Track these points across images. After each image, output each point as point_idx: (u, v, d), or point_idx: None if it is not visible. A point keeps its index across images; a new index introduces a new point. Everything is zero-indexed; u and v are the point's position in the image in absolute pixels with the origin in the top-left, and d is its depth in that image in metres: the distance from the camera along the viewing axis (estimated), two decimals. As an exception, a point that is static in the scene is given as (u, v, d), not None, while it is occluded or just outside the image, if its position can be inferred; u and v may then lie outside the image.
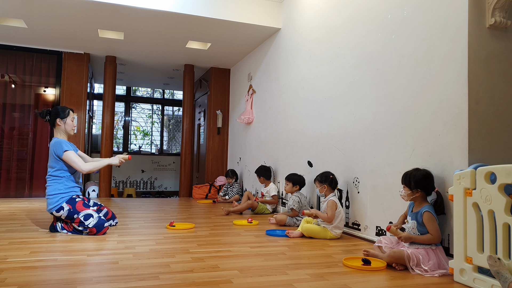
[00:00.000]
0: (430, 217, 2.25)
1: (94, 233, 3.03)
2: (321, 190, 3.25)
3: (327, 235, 3.10)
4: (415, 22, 2.69)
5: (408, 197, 2.38)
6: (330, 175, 3.26)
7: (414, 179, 2.33)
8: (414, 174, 2.36)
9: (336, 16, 3.66)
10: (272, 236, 3.17)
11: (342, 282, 1.97)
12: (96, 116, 8.82)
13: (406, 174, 2.40)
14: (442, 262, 2.20)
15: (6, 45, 5.80)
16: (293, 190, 3.84)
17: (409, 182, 2.35)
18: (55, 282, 1.86)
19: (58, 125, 3.25)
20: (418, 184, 2.33)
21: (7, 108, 5.93)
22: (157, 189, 9.31)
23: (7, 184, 5.86)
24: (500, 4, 2.31)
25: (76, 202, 3.11)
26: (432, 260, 2.19)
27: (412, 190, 2.34)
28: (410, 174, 2.38)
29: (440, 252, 2.24)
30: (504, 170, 1.79)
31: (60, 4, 4.34)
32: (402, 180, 2.41)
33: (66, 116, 3.26)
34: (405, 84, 2.75)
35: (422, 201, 2.36)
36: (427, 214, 2.26)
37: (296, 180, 3.87)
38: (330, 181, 3.24)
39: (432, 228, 2.24)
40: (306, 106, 4.14)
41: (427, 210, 2.27)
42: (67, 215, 3.05)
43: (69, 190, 3.14)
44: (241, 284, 1.89)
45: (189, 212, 4.65)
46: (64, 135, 3.29)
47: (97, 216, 3.08)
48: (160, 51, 6.03)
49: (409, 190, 2.35)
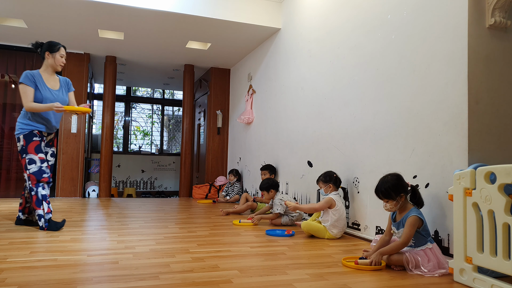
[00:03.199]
0: (412, 222, 2.18)
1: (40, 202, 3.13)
2: (326, 190, 3.22)
3: (325, 235, 3.10)
4: (415, 22, 2.69)
5: (395, 207, 2.30)
6: (334, 174, 3.25)
7: (392, 189, 2.27)
8: (388, 185, 2.28)
9: (336, 16, 3.66)
10: (272, 236, 3.17)
11: (342, 282, 1.97)
12: (96, 116, 8.82)
13: (380, 191, 2.32)
14: (441, 261, 2.18)
15: (6, 45, 5.80)
16: (270, 196, 3.89)
17: (389, 194, 2.28)
18: (55, 282, 1.86)
19: (46, 58, 3.30)
20: (397, 190, 2.27)
21: (7, 108, 5.93)
22: (157, 189, 9.32)
23: (7, 184, 5.86)
24: (500, 4, 2.31)
25: (31, 141, 3.16)
26: (432, 261, 2.16)
27: (396, 199, 2.28)
28: (386, 187, 2.29)
29: (437, 251, 2.21)
30: (504, 170, 1.79)
31: (60, 4, 4.34)
32: (380, 196, 2.33)
33: (56, 51, 3.28)
34: (405, 84, 2.75)
35: (406, 205, 2.31)
36: (413, 218, 2.19)
37: (269, 186, 3.89)
38: (335, 180, 3.23)
39: (407, 232, 2.17)
40: (306, 106, 4.14)
41: (414, 214, 2.21)
42: (20, 149, 3.16)
43: (31, 124, 3.19)
44: (241, 284, 1.89)
45: (189, 212, 4.65)
46: (50, 70, 3.31)
47: (40, 165, 3.15)
48: (160, 51, 6.04)
49: (393, 201, 2.28)
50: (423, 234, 2.23)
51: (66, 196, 5.98)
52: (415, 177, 2.61)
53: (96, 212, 4.48)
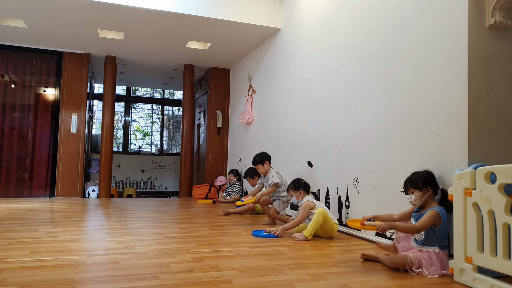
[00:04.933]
0: (431, 214, 2.18)
1: None
2: (298, 197, 3.31)
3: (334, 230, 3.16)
4: (415, 22, 2.69)
5: (420, 199, 2.27)
6: (302, 180, 3.37)
7: (421, 180, 2.27)
8: (418, 176, 2.30)
9: (336, 16, 3.66)
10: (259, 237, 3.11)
11: (342, 282, 1.97)
12: (96, 116, 8.82)
13: (410, 180, 2.32)
14: (445, 266, 2.15)
15: (6, 45, 5.80)
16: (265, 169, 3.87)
17: (417, 184, 2.27)
18: (55, 282, 1.86)
19: None
20: (427, 183, 2.26)
21: (7, 108, 5.93)
22: (157, 189, 9.31)
23: (7, 184, 5.86)
24: (500, 4, 2.31)
25: None
26: (435, 265, 2.14)
27: (423, 190, 2.26)
28: (415, 177, 2.31)
29: (444, 257, 2.18)
30: (504, 170, 1.79)
31: (60, 4, 4.34)
32: (407, 186, 2.32)
33: None
34: (405, 84, 2.75)
35: (431, 202, 2.28)
36: (431, 210, 2.20)
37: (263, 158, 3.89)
38: (304, 186, 3.34)
39: (424, 220, 2.17)
40: (306, 106, 4.14)
41: (435, 209, 2.20)
42: None
43: None
44: (241, 284, 1.89)
45: (189, 212, 4.65)
46: None
47: None
48: (160, 51, 6.03)
49: (420, 192, 2.26)
50: (437, 235, 2.19)
51: (66, 196, 5.98)
52: (415, 177, 2.61)
53: (96, 212, 4.48)
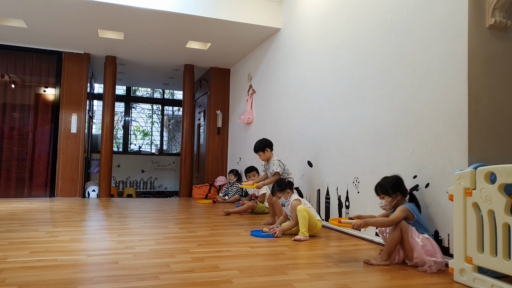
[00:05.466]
0: (401, 208, 2.29)
1: None
2: (286, 197, 3.31)
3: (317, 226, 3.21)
4: (415, 22, 2.69)
5: (390, 205, 2.40)
6: (285, 180, 3.37)
7: (390, 185, 2.38)
8: (387, 181, 2.41)
9: (336, 16, 3.66)
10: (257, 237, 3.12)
11: (342, 282, 1.97)
12: (96, 116, 8.82)
13: (379, 185, 2.43)
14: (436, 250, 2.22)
15: (6, 45, 5.80)
16: (267, 157, 3.87)
17: (386, 190, 2.38)
18: (55, 282, 1.86)
19: None
20: (396, 188, 2.38)
21: (7, 108, 5.93)
22: (157, 189, 9.31)
23: (7, 184, 5.86)
24: (500, 4, 2.31)
25: None
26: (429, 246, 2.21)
27: (392, 196, 2.37)
28: (384, 183, 2.41)
29: (433, 242, 2.25)
30: (504, 170, 1.79)
31: (60, 4, 4.34)
32: (377, 192, 2.44)
33: None
34: (405, 84, 2.75)
35: (402, 203, 2.37)
36: (401, 206, 2.31)
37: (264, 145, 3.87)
38: (289, 184, 3.34)
39: (395, 214, 2.28)
40: (306, 106, 4.14)
41: (405, 205, 2.32)
42: None
43: None
44: (241, 284, 1.89)
45: (189, 212, 4.65)
46: None
47: None
48: (160, 51, 6.03)
49: (389, 197, 2.38)
50: (417, 227, 2.28)
51: (66, 196, 5.98)
52: (415, 177, 2.61)
53: (96, 212, 4.48)
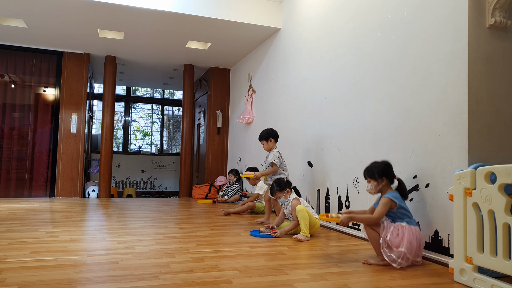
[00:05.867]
0: (385, 201, 2.33)
1: None
2: (286, 196, 3.31)
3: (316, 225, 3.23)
4: (415, 22, 2.69)
5: (375, 189, 2.44)
6: (283, 179, 3.38)
7: (377, 170, 2.43)
8: (375, 166, 2.46)
9: (336, 16, 3.66)
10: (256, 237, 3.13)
11: (342, 282, 1.97)
12: (96, 116, 8.82)
13: (367, 169, 2.49)
14: (413, 243, 2.24)
15: (6, 45, 5.80)
16: (269, 147, 3.84)
17: (373, 174, 2.44)
18: (55, 282, 1.86)
19: None
20: (382, 173, 2.43)
21: (7, 108, 5.93)
22: (157, 189, 9.31)
23: (7, 184, 5.86)
24: (500, 4, 2.31)
25: None
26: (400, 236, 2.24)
27: (378, 180, 2.43)
28: (372, 167, 2.47)
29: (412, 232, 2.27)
30: (504, 170, 1.79)
31: (60, 4, 4.34)
32: (365, 175, 2.50)
33: None
34: (405, 84, 2.75)
35: (387, 190, 2.43)
36: (384, 198, 2.35)
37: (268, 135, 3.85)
38: (288, 184, 3.35)
39: (378, 210, 2.33)
40: (306, 106, 4.14)
41: (387, 195, 2.36)
42: None
43: None
44: (241, 284, 1.89)
45: (189, 212, 4.65)
46: None
47: None
48: (160, 51, 6.03)
49: (375, 182, 2.43)
50: (399, 214, 2.34)
51: (65, 196, 5.98)
52: (415, 177, 2.61)
53: (96, 212, 4.48)
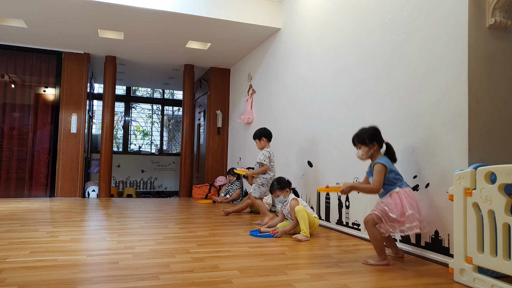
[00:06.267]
0: (377, 169, 2.35)
1: None
2: (285, 196, 3.34)
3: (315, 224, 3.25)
4: (415, 22, 2.69)
5: (366, 154, 2.45)
6: (285, 179, 3.39)
7: (367, 136, 2.44)
8: (364, 132, 2.47)
9: (336, 16, 3.66)
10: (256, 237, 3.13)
11: (342, 282, 1.97)
12: (96, 116, 8.82)
13: (357, 136, 2.49)
14: (413, 204, 2.26)
15: (6, 45, 5.80)
16: (262, 145, 3.97)
17: (363, 140, 2.45)
18: (55, 282, 1.86)
19: None
20: (372, 138, 2.44)
21: (7, 108, 5.93)
22: (157, 189, 9.31)
23: (7, 184, 5.86)
24: (500, 4, 2.31)
25: None
26: (398, 205, 2.25)
27: (369, 145, 2.44)
28: (361, 133, 2.47)
29: (409, 192, 2.30)
30: (504, 170, 1.79)
31: (60, 4, 4.34)
32: (354, 142, 2.50)
33: None
34: (405, 84, 2.75)
35: (377, 155, 2.45)
36: (377, 165, 2.36)
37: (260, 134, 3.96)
38: (288, 184, 3.37)
39: (375, 179, 2.34)
40: (306, 106, 4.14)
41: (378, 162, 2.38)
42: None
43: None
44: (241, 284, 1.89)
45: (189, 212, 4.65)
46: None
47: None
48: (160, 51, 6.03)
49: (366, 147, 2.44)
50: (391, 179, 2.35)
51: (65, 196, 5.98)
52: (415, 177, 2.61)
53: (96, 212, 4.48)
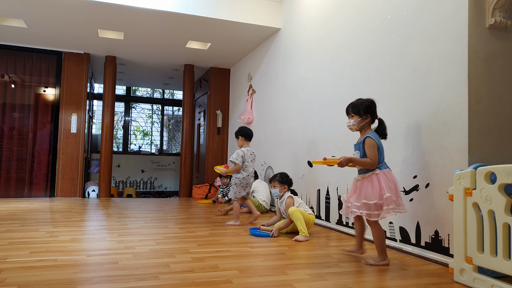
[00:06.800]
0: (371, 143, 2.31)
1: None
2: (281, 191, 3.33)
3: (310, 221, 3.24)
4: (415, 22, 2.69)
5: (358, 125, 2.42)
6: (288, 176, 3.39)
7: (362, 106, 2.40)
8: (361, 102, 2.42)
9: (336, 16, 3.66)
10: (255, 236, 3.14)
11: (342, 282, 1.97)
12: (96, 116, 8.82)
13: (352, 105, 2.44)
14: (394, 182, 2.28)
15: (6, 45, 5.80)
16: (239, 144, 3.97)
17: (358, 110, 2.41)
18: (55, 282, 1.86)
19: None
20: (367, 110, 2.41)
21: (7, 108, 5.93)
22: (157, 189, 9.31)
23: (7, 184, 5.86)
24: (500, 4, 2.31)
25: None
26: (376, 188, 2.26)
27: (362, 116, 2.40)
28: (358, 102, 2.43)
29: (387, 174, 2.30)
30: (504, 170, 1.79)
31: (60, 4, 4.34)
32: (348, 110, 2.46)
33: None
34: (405, 84, 2.75)
35: (367, 129, 2.42)
36: (368, 139, 2.33)
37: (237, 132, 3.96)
38: (289, 182, 3.37)
39: (371, 154, 2.30)
40: (306, 106, 4.14)
41: (368, 136, 2.34)
42: None
43: None
44: (241, 284, 1.89)
45: (189, 212, 4.65)
46: None
47: None
48: (160, 51, 6.03)
49: (359, 117, 2.40)
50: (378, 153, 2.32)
51: (65, 196, 5.98)
52: (415, 177, 2.61)
53: (96, 212, 4.48)
